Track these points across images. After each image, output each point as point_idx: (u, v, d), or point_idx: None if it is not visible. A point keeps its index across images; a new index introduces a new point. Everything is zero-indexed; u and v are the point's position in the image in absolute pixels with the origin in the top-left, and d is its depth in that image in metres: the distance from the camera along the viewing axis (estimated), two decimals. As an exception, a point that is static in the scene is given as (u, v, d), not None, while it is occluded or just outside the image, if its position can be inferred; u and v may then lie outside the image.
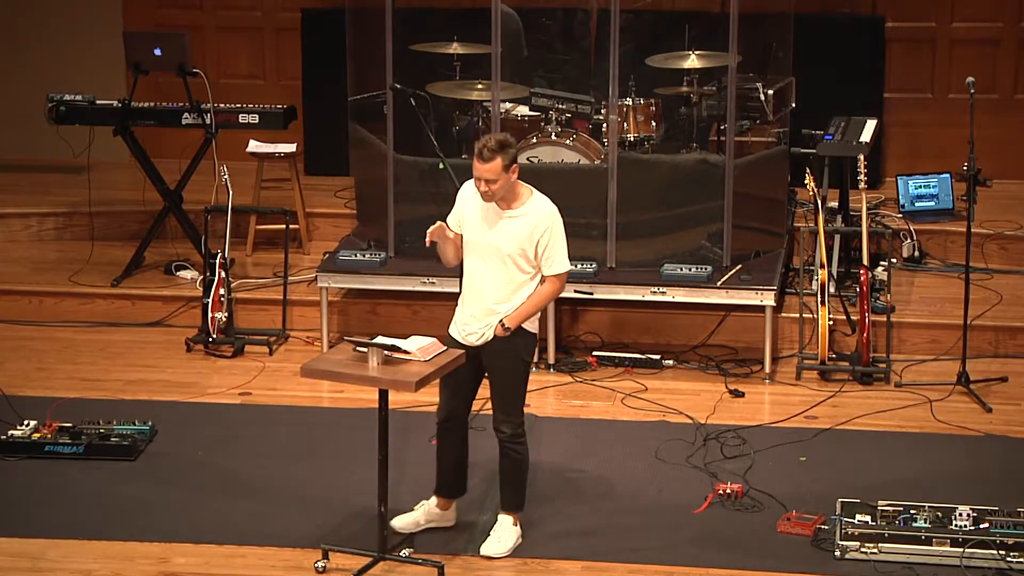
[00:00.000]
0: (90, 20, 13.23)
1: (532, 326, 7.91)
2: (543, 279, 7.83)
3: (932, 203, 11.77)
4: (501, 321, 7.78)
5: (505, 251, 7.74)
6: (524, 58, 11.41)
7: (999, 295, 10.79)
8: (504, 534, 7.99)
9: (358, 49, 11.01)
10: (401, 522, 8.09)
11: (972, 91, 9.57)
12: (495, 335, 7.80)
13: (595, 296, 10.19)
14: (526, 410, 9.51)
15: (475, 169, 7.65)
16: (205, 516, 8.23)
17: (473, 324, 7.86)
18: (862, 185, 10.20)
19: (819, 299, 9.94)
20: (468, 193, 7.88)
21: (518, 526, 8.06)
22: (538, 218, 7.74)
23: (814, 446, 9.06)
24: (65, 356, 10.45)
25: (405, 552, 7.73)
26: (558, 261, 7.79)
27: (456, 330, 7.95)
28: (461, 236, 7.91)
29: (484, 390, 8.01)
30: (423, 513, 8.15)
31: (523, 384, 7.98)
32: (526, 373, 7.97)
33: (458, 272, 10.02)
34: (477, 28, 10.62)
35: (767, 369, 10.06)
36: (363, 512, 8.07)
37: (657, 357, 10.21)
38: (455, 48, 11.04)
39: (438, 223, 7.89)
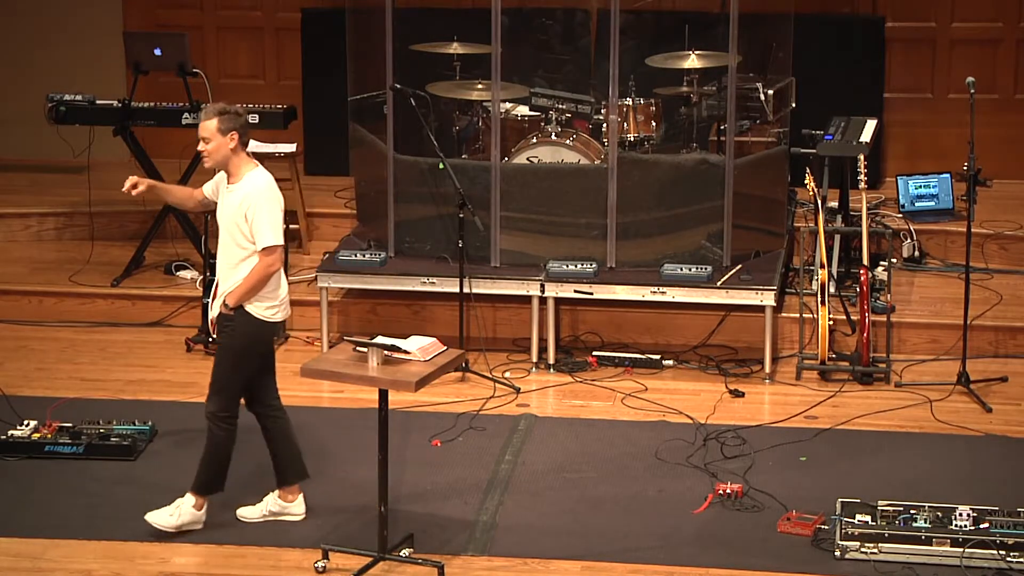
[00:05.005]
0: (90, 20, 13.22)
1: (263, 312, 7.83)
2: None
3: (932, 203, 11.76)
4: (224, 299, 7.82)
5: (222, 226, 7.84)
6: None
7: (999, 295, 10.79)
8: (178, 510, 7.95)
9: (358, 49, 11.01)
10: (248, 512, 8.13)
11: (972, 91, 9.57)
12: (220, 312, 7.85)
13: (595, 296, 10.18)
14: (525, 410, 9.54)
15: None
16: (205, 516, 8.21)
17: (216, 300, 7.94)
18: (862, 185, 10.19)
19: (819, 299, 9.93)
20: None
21: (202, 511, 7.99)
22: (247, 192, 7.79)
23: (814, 446, 9.05)
24: (65, 356, 10.44)
25: (405, 552, 7.73)
26: (263, 235, 7.73)
27: None
28: (171, 189, 8.25)
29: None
30: (268, 504, 8.17)
31: (229, 367, 7.86)
32: (234, 358, 7.86)
33: (458, 273, 10.09)
34: (477, 28, 10.61)
35: (767, 369, 10.05)
36: (363, 512, 8.07)
37: (657, 357, 10.20)
38: (455, 48, 11.03)
39: (129, 180, 8.00)
